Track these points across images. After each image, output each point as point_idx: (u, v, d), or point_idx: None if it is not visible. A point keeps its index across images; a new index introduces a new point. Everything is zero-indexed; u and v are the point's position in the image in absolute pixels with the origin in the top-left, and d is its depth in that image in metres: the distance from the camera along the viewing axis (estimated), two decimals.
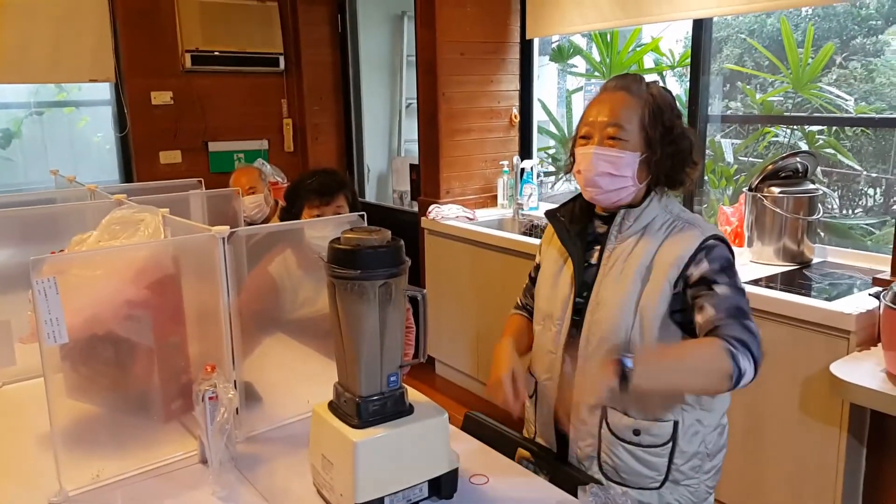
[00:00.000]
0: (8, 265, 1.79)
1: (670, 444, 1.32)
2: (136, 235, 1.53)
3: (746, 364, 1.21)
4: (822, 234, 2.68)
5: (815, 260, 2.51)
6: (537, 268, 1.54)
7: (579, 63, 4.45)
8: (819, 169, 3.16)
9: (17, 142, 4.09)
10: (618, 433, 1.34)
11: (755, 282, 2.27)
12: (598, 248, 1.39)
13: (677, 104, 1.36)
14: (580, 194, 1.44)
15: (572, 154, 1.41)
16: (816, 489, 2.04)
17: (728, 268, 1.29)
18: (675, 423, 1.32)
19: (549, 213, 1.47)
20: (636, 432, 1.33)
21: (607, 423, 1.35)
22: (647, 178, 1.34)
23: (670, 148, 1.32)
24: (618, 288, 1.32)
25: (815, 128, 3.39)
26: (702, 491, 1.38)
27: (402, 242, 1.18)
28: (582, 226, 1.43)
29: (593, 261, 1.38)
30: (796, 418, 2.07)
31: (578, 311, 1.38)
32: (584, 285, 1.38)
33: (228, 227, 1.41)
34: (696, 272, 1.28)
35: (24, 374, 1.74)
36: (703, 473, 1.37)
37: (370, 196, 4.92)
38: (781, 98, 3.53)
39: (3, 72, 3.59)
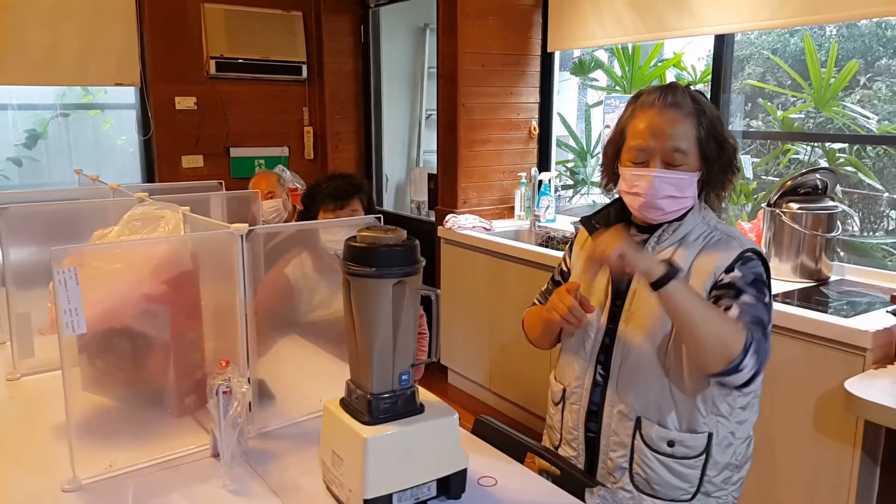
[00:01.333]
0: (30, 262, 1.83)
1: (704, 456, 1.31)
2: (156, 231, 1.56)
3: (750, 363, 1.19)
4: (840, 252, 2.65)
5: (833, 278, 2.49)
6: (562, 272, 1.54)
7: (600, 77, 4.46)
8: (839, 189, 3.13)
9: (43, 143, 4.17)
10: (651, 444, 1.33)
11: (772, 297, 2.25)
12: None
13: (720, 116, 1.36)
14: (615, 201, 1.44)
15: (608, 172, 1.41)
16: None
17: (759, 282, 1.28)
18: (710, 435, 1.31)
19: (584, 220, 1.46)
20: (671, 444, 1.32)
21: (641, 434, 1.34)
22: (700, 192, 1.34)
23: (721, 161, 1.31)
24: (653, 298, 1.30)
25: (836, 146, 3.37)
26: (728, 502, 1.37)
27: (418, 242, 1.19)
28: None
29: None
30: (810, 435, 2.05)
31: (612, 319, 1.38)
32: (617, 293, 1.38)
33: (247, 224, 1.43)
34: (726, 278, 1.28)
35: (43, 367, 1.77)
36: (730, 485, 1.36)
37: (388, 205, 4.95)
38: (803, 116, 3.52)
39: (30, 73, 3.68)
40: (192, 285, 1.55)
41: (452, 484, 1.20)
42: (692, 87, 1.36)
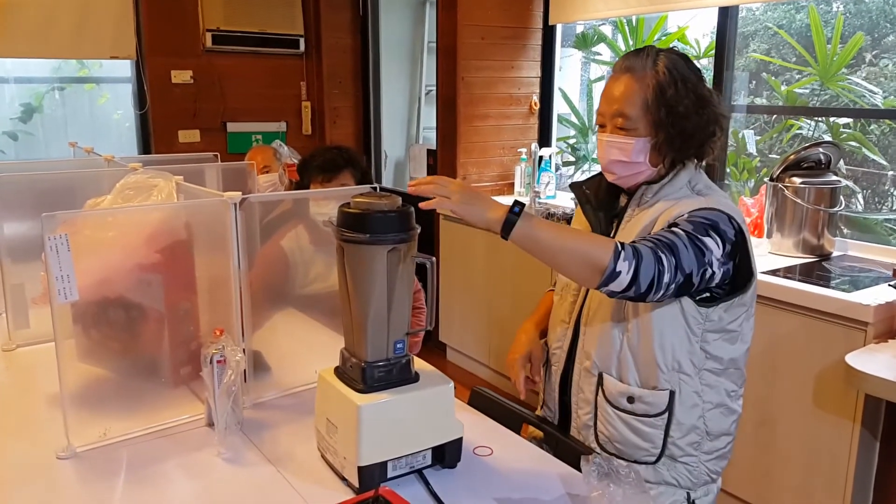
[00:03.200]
0: (24, 235, 1.82)
1: (666, 415, 1.30)
2: (149, 200, 1.54)
3: (624, 266, 1.13)
4: (844, 229, 2.63)
5: (836, 253, 2.47)
6: None
7: (604, 51, 4.40)
8: (843, 165, 3.10)
9: (38, 116, 4.13)
10: (612, 400, 1.33)
11: (773, 272, 2.23)
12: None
13: (692, 72, 1.29)
14: None
15: None
16: (827, 481, 2.01)
17: (704, 225, 1.21)
18: (672, 393, 1.30)
19: (574, 186, 1.46)
20: (630, 399, 1.31)
21: (602, 390, 1.34)
22: (664, 157, 1.31)
23: (674, 129, 1.27)
24: None
25: (841, 121, 3.33)
26: (701, 472, 1.35)
27: (412, 209, 1.17)
28: (608, 200, 1.41)
29: (613, 234, 1.37)
30: (809, 410, 2.04)
31: None
32: None
33: (241, 192, 1.41)
34: (673, 220, 1.25)
35: (38, 338, 1.76)
36: (702, 453, 1.35)
37: (387, 182, 4.91)
38: (807, 92, 3.47)
39: (26, 45, 3.63)
40: (186, 255, 1.53)
41: (447, 453, 1.19)
42: (671, 50, 1.31)
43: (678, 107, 1.26)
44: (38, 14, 3.62)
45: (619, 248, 1.15)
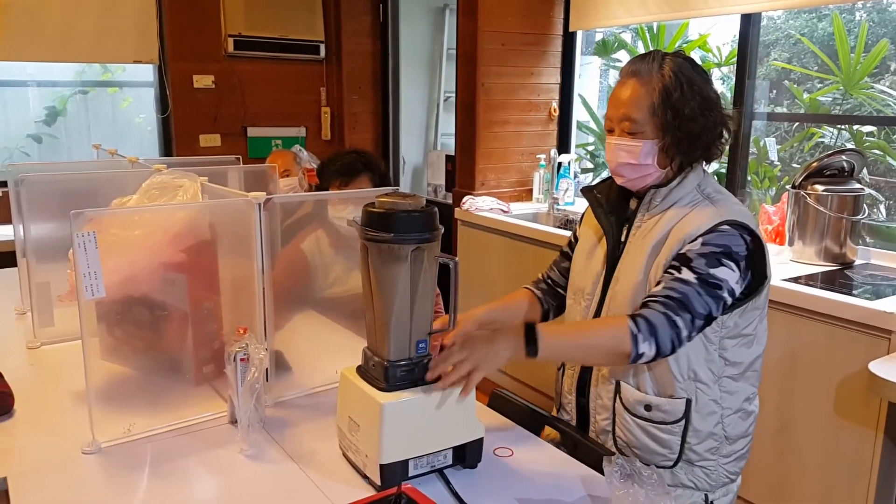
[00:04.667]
0: (50, 235, 1.85)
1: (683, 422, 1.30)
2: (175, 200, 1.56)
3: (647, 347, 1.19)
4: (867, 238, 2.60)
5: (858, 261, 2.44)
6: (570, 243, 1.54)
7: (624, 58, 4.39)
8: (867, 174, 3.07)
9: (62, 120, 4.20)
10: (629, 408, 1.33)
11: (795, 279, 2.21)
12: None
13: (698, 75, 1.30)
14: None
15: None
16: (848, 490, 1.98)
17: (716, 254, 1.23)
18: (688, 401, 1.30)
19: (585, 190, 1.47)
20: (647, 407, 1.32)
21: (620, 398, 1.35)
22: (672, 159, 1.31)
23: (681, 132, 1.28)
24: (634, 263, 1.32)
25: (865, 129, 3.30)
26: (720, 475, 1.35)
27: (436, 209, 1.17)
28: (619, 204, 1.42)
29: (624, 238, 1.38)
30: (830, 418, 2.02)
31: (605, 287, 1.38)
32: (615, 262, 1.37)
33: (265, 193, 1.43)
34: (685, 249, 1.25)
35: (63, 337, 1.79)
36: (721, 457, 1.34)
37: (404, 188, 4.93)
38: (830, 100, 3.44)
39: (49, 49, 3.69)
40: (210, 255, 1.55)
41: (468, 453, 1.19)
42: (677, 53, 1.32)
43: (684, 109, 1.27)
44: (61, 18, 3.68)
45: (635, 331, 1.19)
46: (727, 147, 1.35)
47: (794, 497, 2.13)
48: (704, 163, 1.34)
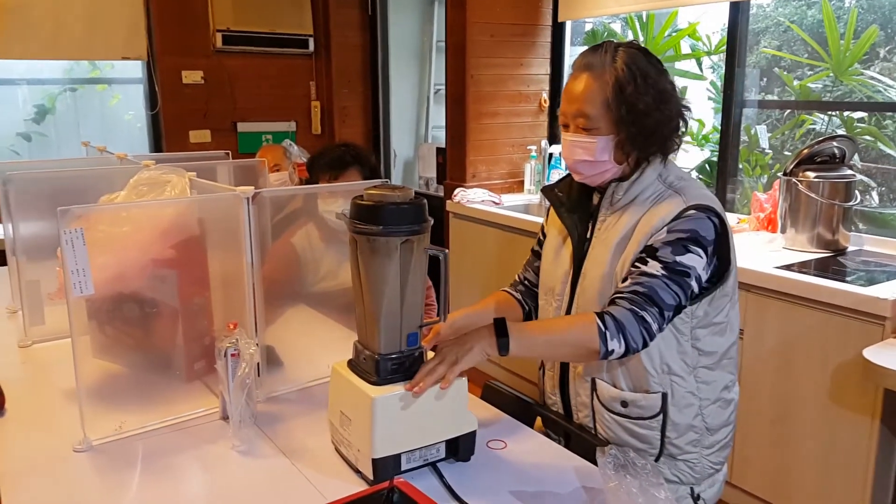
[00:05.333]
0: (39, 235, 1.83)
1: (661, 417, 1.30)
2: (163, 196, 1.54)
3: (616, 344, 1.18)
4: (859, 224, 2.60)
5: (851, 248, 2.45)
6: (539, 241, 1.53)
7: None
8: (857, 159, 3.07)
9: (51, 117, 4.16)
10: (606, 404, 1.33)
11: (787, 267, 2.21)
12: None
13: (652, 66, 1.27)
14: None
15: None
16: (846, 479, 1.99)
17: (684, 240, 1.22)
18: (664, 395, 1.29)
19: (545, 189, 1.45)
20: (624, 404, 1.31)
21: (597, 395, 1.34)
22: (628, 154, 1.29)
23: (636, 127, 1.26)
24: (600, 258, 1.31)
25: (855, 116, 3.30)
26: (704, 466, 1.34)
27: (425, 201, 1.17)
28: (581, 201, 1.40)
29: (589, 234, 1.36)
30: (826, 406, 2.02)
31: (573, 287, 1.37)
32: (582, 259, 1.36)
33: (253, 187, 1.41)
34: (653, 240, 1.24)
35: (53, 335, 1.77)
36: (703, 448, 1.34)
37: (396, 181, 4.92)
38: (820, 87, 3.44)
39: (37, 47, 3.65)
40: (199, 251, 1.54)
41: (461, 446, 1.19)
42: (630, 44, 1.29)
43: (638, 104, 1.25)
44: (48, 16, 3.64)
45: (603, 328, 1.18)
46: (684, 139, 1.33)
47: (792, 486, 2.14)
48: (661, 155, 1.31)
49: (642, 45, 1.31)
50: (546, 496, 1.11)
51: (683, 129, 1.31)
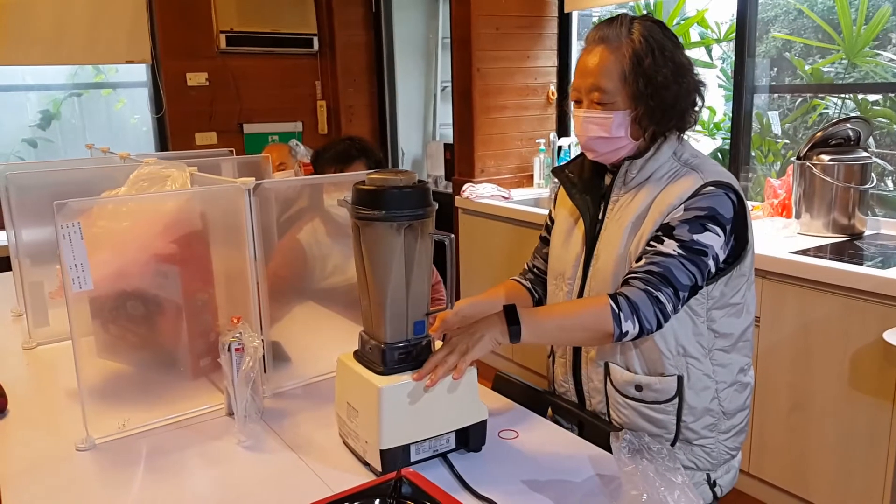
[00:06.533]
0: (44, 238, 1.81)
1: (676, 400, 1.26)
2: (163, 190, 1.52)
3: (630, 326, 1.14)
4: (876, 209, 2.54)
5: (868, 232, 2.39)
6: (547, 227, 1.49)
7: None
8: (872, 142, 3.01)
9: (57, 123, 4.17)
10: (620, 389, 1.29)
11: (803, 252, 2.16)
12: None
13: (668, 40, 1.24)
14: None
15: None
16: (866, 465, 1.94)
17: (702, 218, 1.18)
18: (680, 378, 1.25)
19: (556, 170, 1.41)
20: (638, 388, 1.27)
21: (610, 380, 1.30)
22: (645, 130, 1.25)
23: (654, 100, 1.22)
24: (613, 239, 1.27)
25: (870, 98, 3.23)
26: (720, 452, 1.30)
27: (429, 185, 1.14)
28: (593, 181, 1.36)
29: (601, 216, 1.32)
30: (846, 392, 1.97)
31: (586, 270, 1.33)
32: (594, 241, 1.32)
33: (254, 178, 1.39)
34: (668, 218, 1.20)
35: (58, 337, 1.76)
36: (719, 433, 1.30)
37: None
38: (833, 71, 3.38)
39: (41, 53, 3.66)
40: (201, 245, 1.51)
41: (472, 436, 1.15)
42: (646, 17, 1.26)
43: (657, 76, 1.21)
44: (52, 21, 3.65)
45: (617, 310, 1.14)
46: (700, 115, 1.29)
47: (810, 475, 2.09)
48: (678, 132, 1.28)
49: (658, 19, 1.27)
50: (560, 485, 1.07)
51: (700, 104, 1.27)
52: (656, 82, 1.21)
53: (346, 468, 1.13)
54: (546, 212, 3.06)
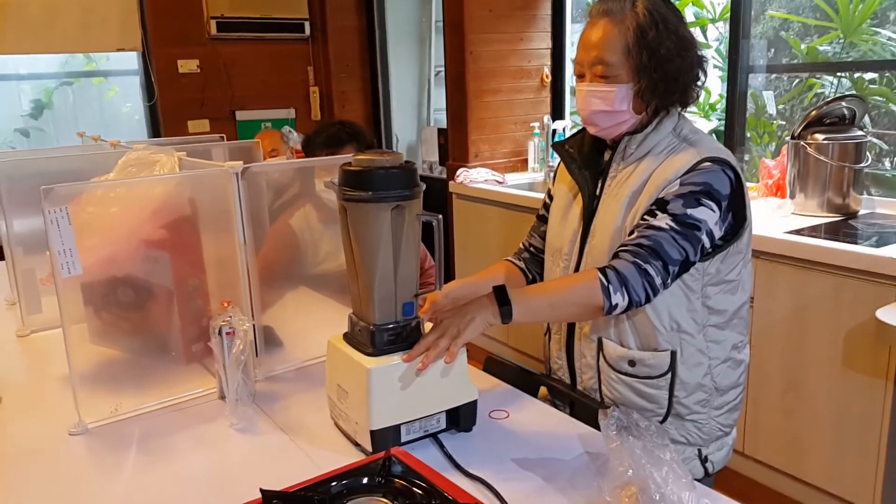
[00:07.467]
0: (34, 225, 1.81)
1: (669, 375, 1.26)
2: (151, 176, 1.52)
3: (619, 298, 1.15)
4: (871, 189, 2.54)
5: (863, 211, 2.39)
6: (546, 204, 1.48)
7: None
8: (868, 121, 3.00)
9: (49, 112, 4.15)
10: (613, 364, 1.29)
11: (797, 232, 2.16)
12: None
13: (672, 13, 1.23)
14: None
15: None
16: (859, 444, 1.95)
17: (696, 193, 1.18)
18: (673, 353, 1.25)
19: (556, 145, 1.41)
20: (631, 363, 1.27)
21: (603, 355, 1.30)
22: (647, 104, 1.25)
23: (657, 73, 1.21)
24: (610, 215, 1.26)
25: (867, 77, 3.22)
26: (712, 428, 1.31)
27: (416, 165, 1.13)
28: (593, 157, 1.36)
29: (599, 191, 1.32)
30: (839, 371, 1.98)
31: (582, 246, 1.33)
32: (592, 217, 1.32)
33: (241, 162, 1.38)
34: (664, 193, 1.20)
35: (51, 324, 1.76)
36: (712, 409, 1.30)
37: None
38: (829, 49, 3.36)
39: (31, 41, 3.64)
40: (191, 231, 1.51)
41: (462, 416, 1.16)
42: None
43: (660, 49, 1.20)
44: (42, 9, 3.62)
45: (606, 282, 1.14)
46: (703, 90, 1.29)
47: (806, 453, 2.10)
48: (680, 106, 1.27)
49: None
50: (549, 463, 1.08)
51: (703, 79, 1.27)
52: (660, 55, 1.21)
53: (338, 449, 1.13)
54: (540, 196, 3.07)
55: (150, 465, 1.12)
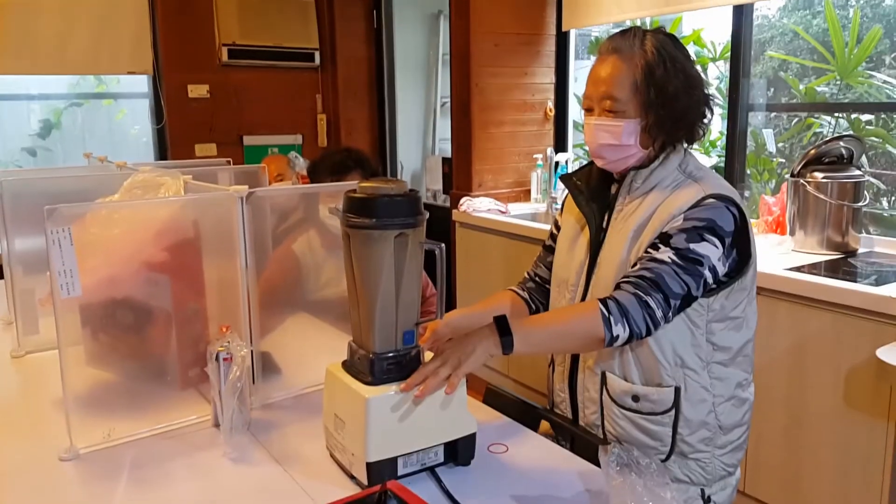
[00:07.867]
0: (36, 245, 1.80)
1: (673, 412, 1.25)
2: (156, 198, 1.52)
3: (620, 329, 1.15)
4: (870, 228, 2.54)
5: (862, 250, 2.39)
6: (553, 235, 1.49)
7: None
8: (865, 161, 3.02)
9: (57, 133, 4.19)
10: (617, 399, 1.28)
11: (797, 269, 2.16)
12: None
13: (680, 52, 1.26)
14: None
15: None
16: (862, 483, 1.92)
17: (700, 229, 1.18)
18: (677, 389, 1.24)
19: (564, 178, 1.42)
20: (635, 398, 1.26)
21: (607, 389, 1.29)
22: (654, 139, 1.27)
23: (664, 110, 1.24)
24: (616, 248, 1.27)
25: (864, 118, 3.25)
26: (715, 467, 1.29)
27: (420, 194, 1.13)
28: (600, 190, 1.37)
29: (605, 224, 1.33)
30: (840, 409, 1.96)
31: (589, 279, 1.33)
32: (598, 249, 1.33)
33: (247, 186, 1.39)
34: (668, 227, 1.21)
35: (48, 345, 1.74)
36: (715, 448, 1.28)
37: None
38: (827, 90, 3.40)
39: (43, 62, 3.68)
40: (193, 254, 1.50)
41: (461, 449, 1.14)
42: (658, 30, 1.28)
43: (668, 87, 1.23)
44: (54, 31, 3.67)
45: (607, 313, 1.15)
46: (709, 127, 1.32)
47: (807, 492, 2.07)
48: (686, 143, 1.30)
49: (670, 32, 1.30)
50: (549, 500, 1.06)
51: (709, 118, 1.29)
52: (667, 93, 1.23)
53: (333, 482, 1.12)
54: (543, 227, 3.08)
55: (140, 494, 1.10)
